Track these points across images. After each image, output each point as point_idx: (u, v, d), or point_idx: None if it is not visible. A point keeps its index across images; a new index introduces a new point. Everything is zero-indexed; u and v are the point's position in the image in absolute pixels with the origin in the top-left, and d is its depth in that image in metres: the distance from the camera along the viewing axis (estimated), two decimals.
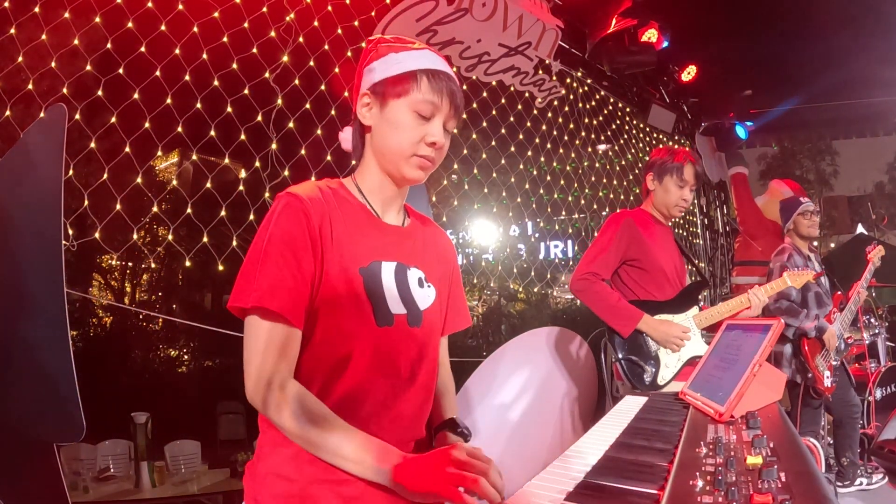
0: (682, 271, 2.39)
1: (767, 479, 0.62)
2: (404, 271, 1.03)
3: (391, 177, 1.04)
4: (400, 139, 0.99)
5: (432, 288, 1.07)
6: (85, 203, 2.46)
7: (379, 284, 0.98)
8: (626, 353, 2.18)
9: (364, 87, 1.03)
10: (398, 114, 0.99)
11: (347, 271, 0.96)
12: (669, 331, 2.14)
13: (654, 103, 5.01)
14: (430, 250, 1.12)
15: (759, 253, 5.86)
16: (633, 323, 2.15)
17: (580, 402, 3.08)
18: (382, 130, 1.00)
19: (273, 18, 2.93)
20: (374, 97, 1.01)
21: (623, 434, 1.02)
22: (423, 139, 0.99)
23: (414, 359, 1.01)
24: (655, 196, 2.36)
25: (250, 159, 2.92)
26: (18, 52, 2.43)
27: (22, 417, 1.76)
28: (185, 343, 10.16)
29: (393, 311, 0.98)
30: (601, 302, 2.18)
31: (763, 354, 1.03)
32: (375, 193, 1.05)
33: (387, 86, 0.99)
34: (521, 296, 11.60)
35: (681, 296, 2.28)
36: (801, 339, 3.13)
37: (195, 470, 4.52)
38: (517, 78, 3.73)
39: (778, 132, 7.34)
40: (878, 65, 4.74)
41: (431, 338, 1.06)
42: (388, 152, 1.01)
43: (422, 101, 0.98)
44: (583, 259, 2.28)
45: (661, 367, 2.16)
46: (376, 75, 1.01)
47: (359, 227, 1.00)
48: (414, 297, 1.03)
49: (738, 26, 4.41)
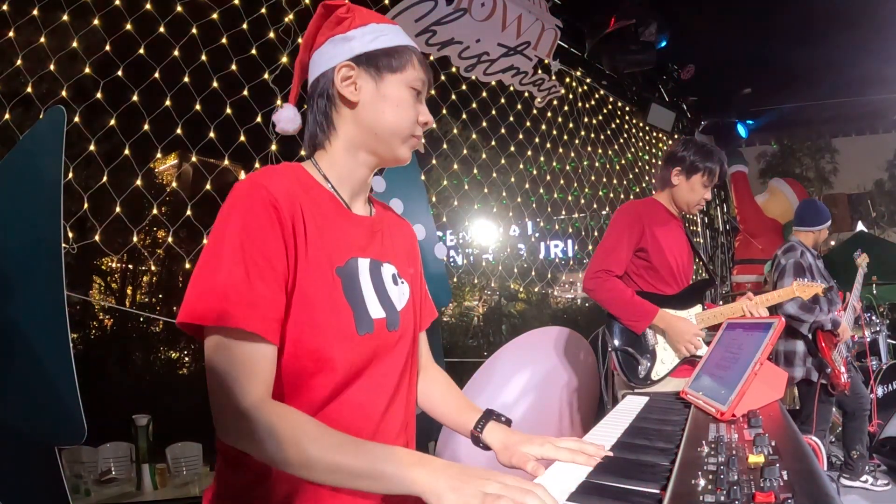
0: (689, 267, 2.34)
1: (770, 478, 0.61)
2: (378, 268, 0.92)
3: (376, 156, 0.93)
4: (401, 118, 0.90)
5: (406, 284, 0.98)
6: (85, 205, 2.46)
7: (357, 286, 0.87)
8: (623, 345, 2.14)
9: (341, 56, 0.90)
10: (398, 90, 0.90)
11: (323, 274, 0.83)
12: (687, 329, 2.08)
13: (653, 102, 5.01)
14: (399, 242, 1.01)
15: (759, 251, 5.87)
16: (649, 319, 2.09)
17: (581, 402, 3.08)
18: (378, 107, 0.89)
19: (272, 19, 2.93)
20: (364, 70, 0.89)
21: (624, 434, 1.02)
22: (418, 118, 0.92)
23: (395, 366, 0.92)
24: (678, 191, 2.27)
25: (250, 160, 2.93)
26: (17, 54, 2.43)
27: (23, 420, 1.76)
28: (186, 345, 10.15)
29: (373, 316, 0.88)
30: (615, 299, 2.12)
31: (764, 353, 1.03)
32: (345, 181, 0.92)
33: (380, 58, 0.89)
34: (522, 296, 11.60)
35: (687, 292, 2.24)
36: (816, 333, 3.12)
37: (197, 472, 4.52)
38: (516, 78, 3.73)
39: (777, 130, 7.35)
40: (878, 62, 4.74)
41: (408, 340, 0.96)
42: (383, 131, 0.90)
43: (417, 78, 0.91)
44: (594, 257, 2.22)
45: (656, 363, 2.13)
46: (357, 45, 0.89)
47: (330, 221, 0.87)
48: (391, 298, 0.93)
49: (737, 25, 4.42)
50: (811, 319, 3.05)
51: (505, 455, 0.95)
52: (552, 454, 0.87)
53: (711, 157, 2.22)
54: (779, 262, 3.23)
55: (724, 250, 5.87)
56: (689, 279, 2.32)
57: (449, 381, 1.11)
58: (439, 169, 4.16)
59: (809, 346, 3.17)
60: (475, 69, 3.53)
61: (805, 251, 3.21)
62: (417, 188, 2.94)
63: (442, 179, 4.00)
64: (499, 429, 0.99)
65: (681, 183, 2.25)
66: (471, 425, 1.01)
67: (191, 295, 0.76)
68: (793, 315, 3.05)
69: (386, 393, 0.90)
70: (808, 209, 3.43)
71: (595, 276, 2.15)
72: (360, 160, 0.93)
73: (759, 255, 5.85)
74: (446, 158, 4.19)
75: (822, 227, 3.33)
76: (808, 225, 3.34)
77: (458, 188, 4.35)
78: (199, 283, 0.77)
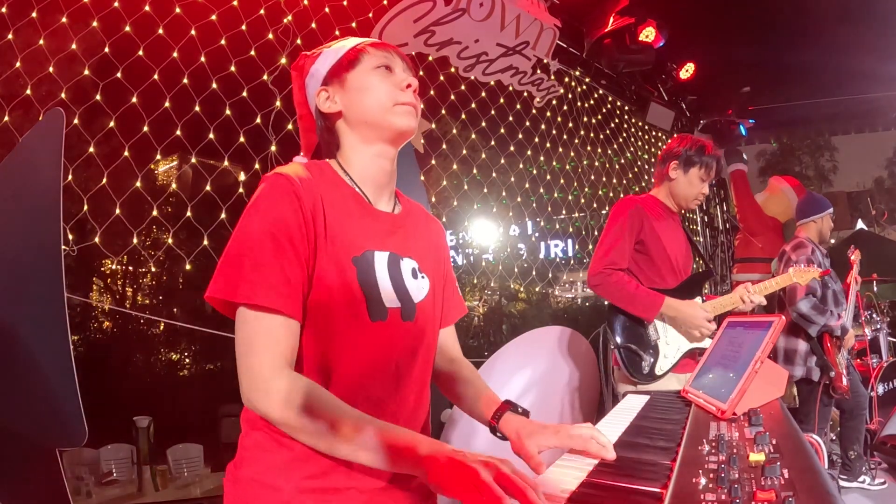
0: (688, 262, 2.32)
1: (770, 476, 0.62)
2: (398, 262, 0.98)
3: (381, 141, 1.00)
4: (376, 96, 0.98)
5: (426, 279, 1.03)
6: (84, 207, 2.46)
7: (373, 276, 0.93)
8: (625, 341, 2.13)
9: (315, 88, 1.03)
10: (361, 79, 0.99)
11: (340, 261, 0.90)
12: (696, 313, 2.07)
13: (652, 101, 5.01)
14: (423, 239, 1.07)
15: (759, 250, 5.86)
16: (657, 307, 2.08)
17: (582, 400, 3.08)
18: (354, 101, 0.99)
19: (271, 21, 2.93)
20: (331, 85, 1.01)
21: (625, 433, 1.02)
22: (398, 86, 0.99)
23: (408, 354, 0.97)
24: (676, 185, 2.26)
25: (250, 161, 2.93)
26: (16, 57, 2.43)
27: (24, 423, 1.76)
28: (187, 346, 10.16)
29: (387, 305, 0.93)
30: (620, 292, 2.11)
31: (765, 351, 1.03)
32: (367, 179, 1.00)
33: (337, 68, 1.01)
34: (522, 295, 11.61)
35: (686, 284, 2.23)
36: (822, 336, 3.11)
37: (198, 473, 4.53)
38: (515, 77, 3.73)
39: (777, 128, 7.35)
40: (877, 60, 4.73)
41: (426, 331, 1.01)
42: (370, 114, 0.98)
43: (377, 60, 1.00)
44: (597, 253, 2.20)
45: (659, 357, 2.12)
46: (322, 70, 1.02)
47: (350, 214, 0.95)
48: (408, 290, 0.98)
49: (736, 23, 4.42)
50: (822, 322, 3.03)
51: (517, 445, 0.99)
52: (566, 442, 0.91)
53: (708, 149, 2.23)
54: (788, 258, 3.19)
55: (724, 249, 5.87)
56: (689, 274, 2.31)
57: (474, 372, 1.15)
58: (439, 169, 4.16)
59: (812, 345, 3.16)
60: (474, 69, 3.53)
61: (815, 249, 3.19)
62: (417, 188, 2.95)
63: (441, 179, 4.00)
64: (515, 419, 1.02)
65: (678, 177, 2.25)
66: (489, 415, 1.05)
67: (222, 272, 0.85)
68: (805, 314, 3.03)
69: (397, 380, 0.95)
70: (806, 201, 3.43)
71: (599, 272, 2.13)
72: (370, 153, 1.00)
73: (759, 254, 5.85)
74: (446, 158, 4.19)
75: (824, 214, 3.30)
76: (810, 215, 3.31)
77: (458, 188, 4.35)
78: (230, 262, 0.85)
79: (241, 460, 0.91)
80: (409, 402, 0.97)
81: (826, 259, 3.25)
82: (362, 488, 0.88)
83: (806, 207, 3.37)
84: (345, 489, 0.86)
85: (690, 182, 2.22)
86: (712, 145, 2.27)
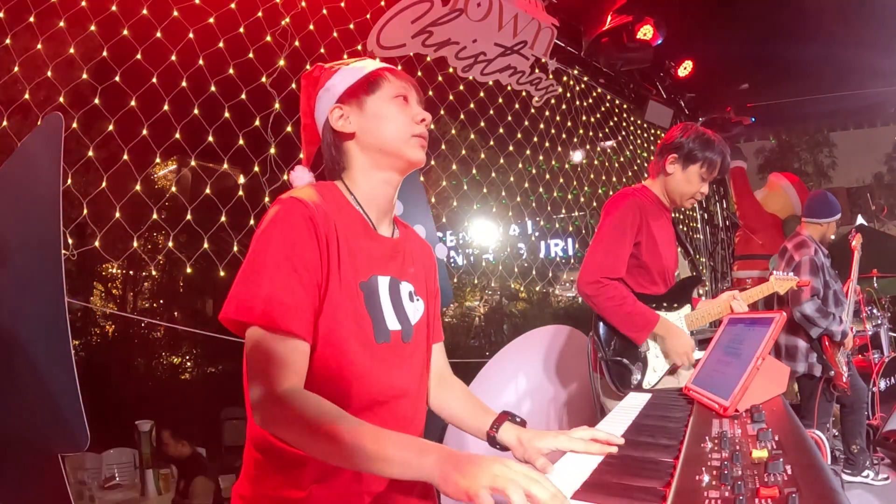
0: (676, 264, 2.18)
1: (773, 473, 0.62)
2: (397, 285, 1.03)
3: (392, 170, 1.03)
4: (394, 125, 1.00)
5: (421, 301, 1.08)
6: (84, 212, 2.46)
7: (377, 300, 0.98)
8: (613, 354, 1.98)
9: (329, 104, 1.04)
10: (381, 106, 1.01)
11: (349, 286, 0.93)
12: (684, 343, 1.95)
13: (651, 99, 5.01)
14: (418, 263, 1.11)
15: (759, 246, 5.86)
16: (649, 330, 1.94)
17: (584, 399, 3.08)
18: (372, 126, 1.01)
19: (269, 23, 2.93)
20: (347, 104, 1.02)
21: (628, 431, 1.02)
22: (415, 119, 1.02)
23: (407, 375, 1.01)
24: (672, 181, 2.04)
25: (249, 164, 2.92)
26: (14, 61, 2.43)
27: (26, 428, 1.76)
28: (188, 350, 10.15)
29: (389, 328, 0.98)
30: (616, 308, 1.93)
31: (766, 348, 1.03)
32: (371, 203, 1.03)
33: (356, 88, 1.02)
34: (523, 295, 11.60)
35: (675, 291, 2.08)
36: (822, 337, 3.11)
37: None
38: (514, 77, 3.73)
39: (776, 125, 7.32)
40: (875, 55, 4.73)
41: (419, 351, 1.06)
42: (385, 143, 1.01)
43: (397, 88, 1.03)
44: (591, 257, 1.99)
45: (647, 371, 1.99)
46: (339, 88, 1.03)
47: (357, 239, 0.98)
48: (406, 312, 1.03)
49: (734, 20, 4.41)
50: (825, 325, 3.04)
51: (519, 451, 1.01)
52: (566, 445, 0.93)
53: (712, 147, 2.00)
54: (791, 257, 3.17)
55: (725, 246, 5.87)
56: (674, 275, 2.17)
57: (465, 389, 1.18)
58: (438, 169, 4.16)
59: (812, 343, 3.17)
60: (472, 69, 3.53)
61: (818, 248, 3.18)
62: (417, 189, 2.94)
63: (441, 180, 4.00)
64: (513, 428, 1.05)
65: (676, 172, 2.03)
66: (487, 427, 1.07)
67: (237, 294, 0.87)
68: (809, 317, 3.03)
69: (397, 400, 0.98)
70: (819, 200, 3.35)
71: (593, 282, 1.94)
72: (378, 179, 1.03)
73: (759, 251, 5.84)
74: (445, 159, 4.19)
75: (832, 219, 3.28)
76: (818, 217, 3.28)
77: (458, 188, 4.35)
78: (246, 284, 0.87)
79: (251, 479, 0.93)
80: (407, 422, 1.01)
81: (827, 259, 3.24)
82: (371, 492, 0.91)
83: (816, 207, 3.31)
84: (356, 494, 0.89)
85: (689, 179, 2.01)
86: (720, 138, 2.05)
